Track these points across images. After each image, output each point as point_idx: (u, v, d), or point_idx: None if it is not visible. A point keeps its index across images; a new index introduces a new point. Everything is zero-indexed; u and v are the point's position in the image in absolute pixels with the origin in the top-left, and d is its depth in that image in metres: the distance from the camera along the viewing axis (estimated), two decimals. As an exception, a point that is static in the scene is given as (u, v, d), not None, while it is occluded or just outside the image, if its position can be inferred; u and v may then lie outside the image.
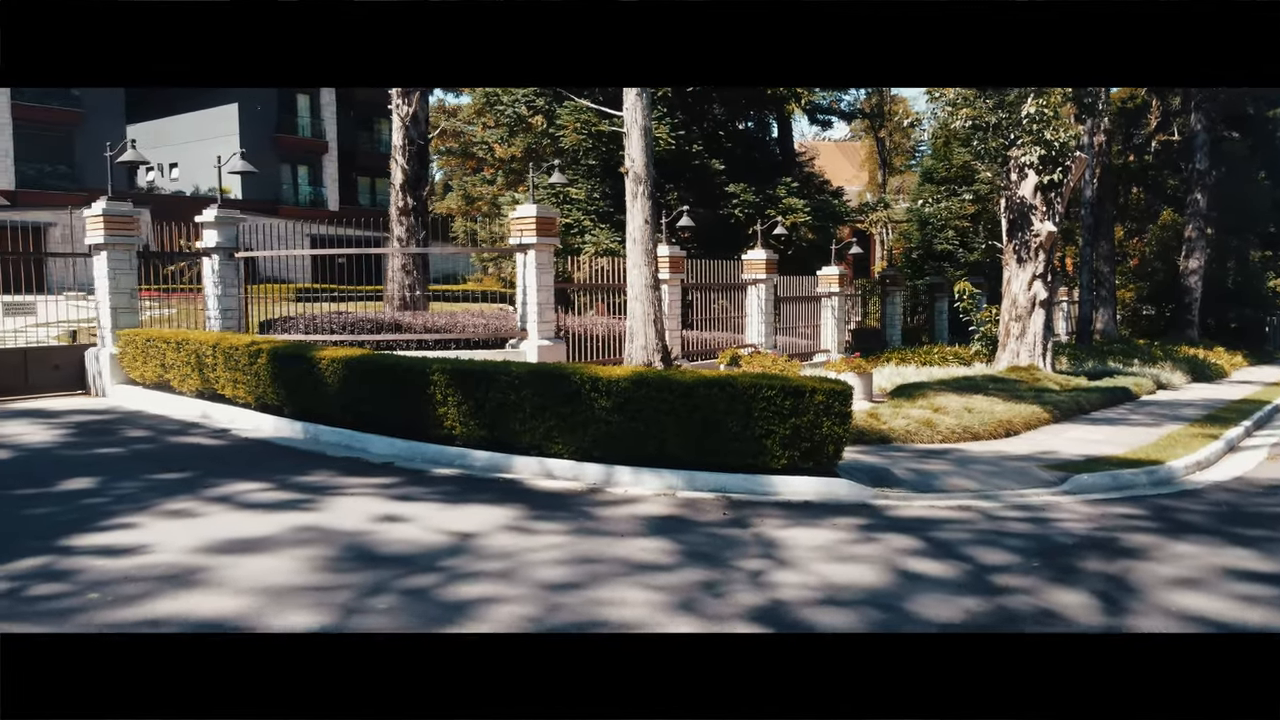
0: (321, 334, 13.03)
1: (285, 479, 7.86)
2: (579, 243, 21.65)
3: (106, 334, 12.60)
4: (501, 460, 8.61)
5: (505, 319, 14.01)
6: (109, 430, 9.97)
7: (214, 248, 13.48)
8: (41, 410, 11.18)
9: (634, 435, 8.26)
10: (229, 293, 13.56)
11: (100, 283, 12.65)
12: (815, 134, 67.03)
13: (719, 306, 18.64)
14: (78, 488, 7.43)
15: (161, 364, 11.64)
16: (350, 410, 9.62)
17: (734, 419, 8.04)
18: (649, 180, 12.58)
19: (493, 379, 8.72)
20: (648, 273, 12.51)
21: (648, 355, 12.42)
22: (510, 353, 12.93)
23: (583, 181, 22.54)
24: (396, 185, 17.80)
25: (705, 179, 22.81)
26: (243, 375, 10.59)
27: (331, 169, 47.16)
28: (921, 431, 10.85)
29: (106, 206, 12.49)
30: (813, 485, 7.91)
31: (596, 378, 8.34)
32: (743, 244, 21.82)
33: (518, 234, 13.15)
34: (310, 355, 9.86)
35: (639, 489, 7.96)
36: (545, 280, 13.17)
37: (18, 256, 14.50)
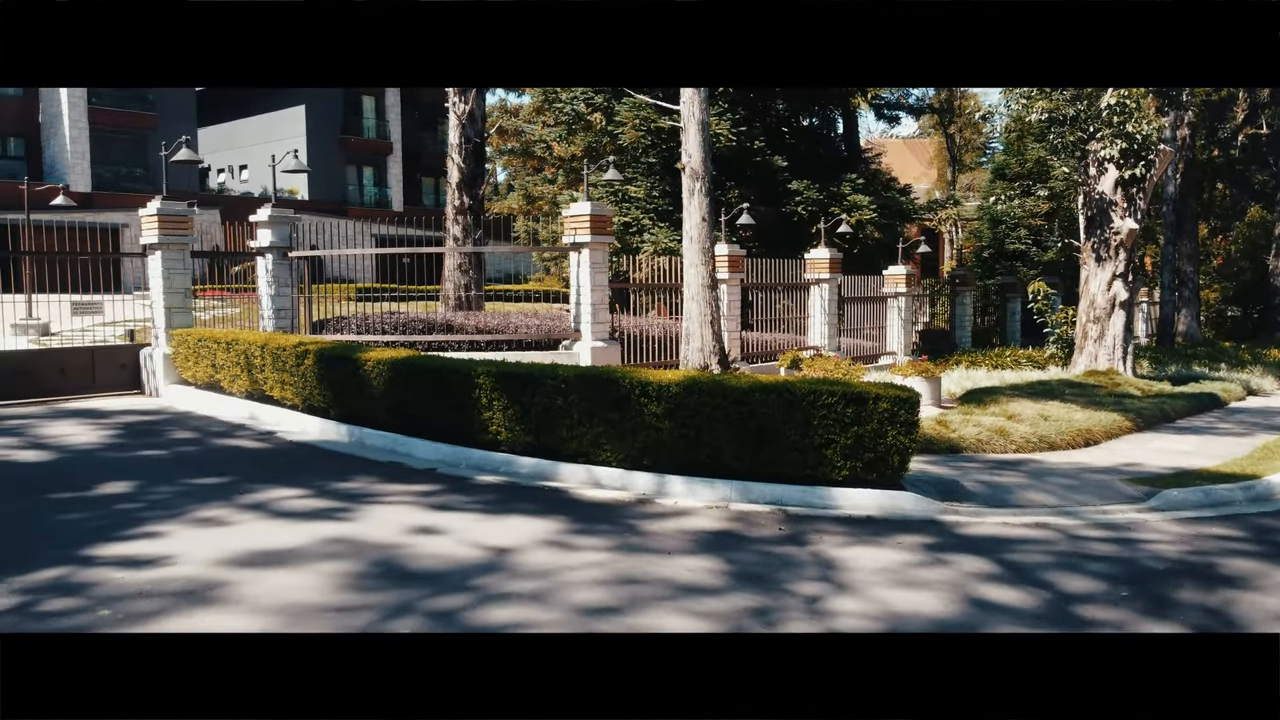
0: (373, 334, 12.84)
1: (323, 485, 7.60)
2: (638, 242, 21.27)
3: (160, 334, 12.57)
4: (547, 468, 8.25)
5: (559, 320, 13.68)
6: (155, 431, 9.86)
7: (268, 247, 13.39)
8: (93, 410, 11.15)
9: (686, 443, 7.84)
10: (282, 292, 13.46)
11: (154, 282, 12.62)
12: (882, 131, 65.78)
13: (780, 307, 18.10)
14: (113, 492, 7.25)
15: (212, 364, 11.54)
16: (396, 414, 9.36)
17: (792, 427, 7.57)
18: (706, 176, 12.14)
19: (538, 383, 8.37)
20: (704, 272, 12.07)
21: (704, 358, 11.98)
22: (563, 355, 12.59)
23: (642, 179, 22.16)
24: (453, 184, 17.61)
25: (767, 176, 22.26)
26: (290, 377, 10.41)
27: (396, 170, 47.53)
28: (994, 440, 10.23)
29: (161, 206, 12.45)
30: (876, 499, 7.40)
31: (646, 382, 7.94)
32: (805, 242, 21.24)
33: (571, 232, 12.81)
34: (356, 357, 9.63)
35: (690, 500, 7.53)
36: (599, 280, 12.81)
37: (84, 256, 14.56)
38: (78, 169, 37.53)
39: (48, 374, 12.08)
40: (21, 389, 11.77)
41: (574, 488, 7.85)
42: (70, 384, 12.20)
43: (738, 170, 21.82)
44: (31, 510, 6.68)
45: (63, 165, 37.87)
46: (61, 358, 12.54)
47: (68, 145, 37.53)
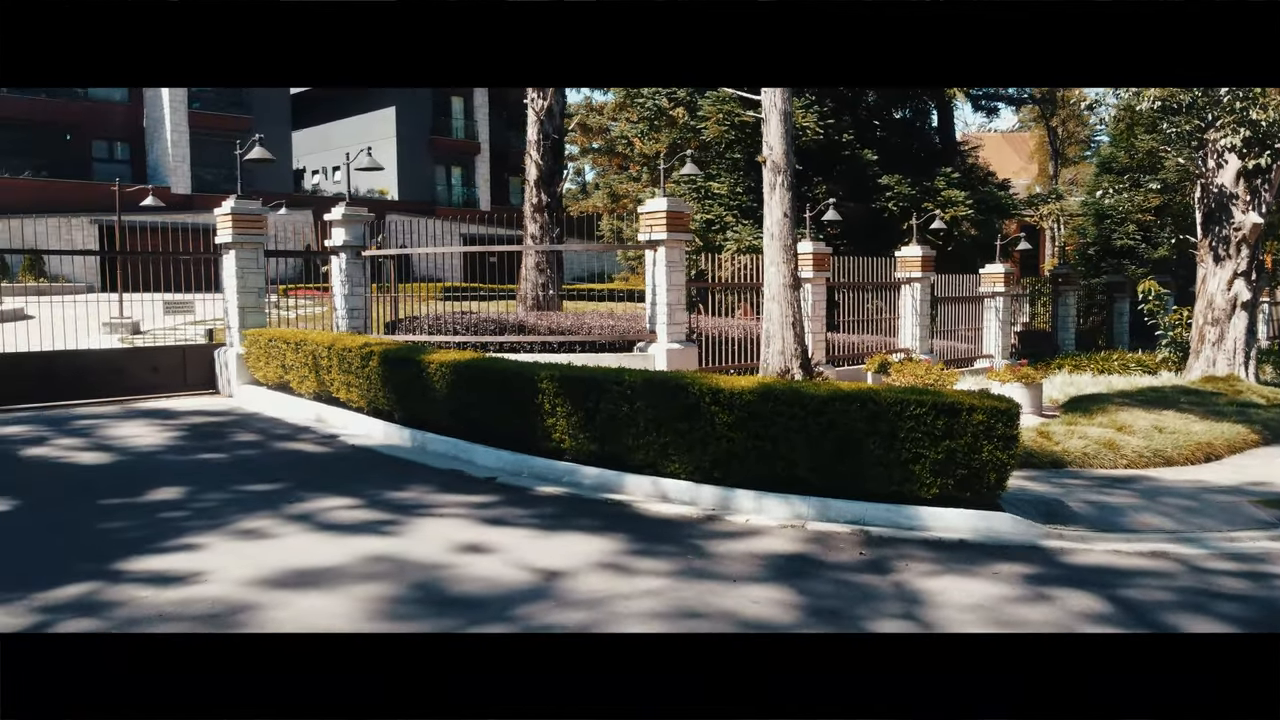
0: (445, 335, 12.56)
1: (376, 495, 7.25)
2: (720, 240, 20.66)
3: (234, 333, 12.51)
4: (611, 479, 7.76)
5: (635, 320, 13.20)
6: (219, 434, 9.70)
7: (341, 246, 13.23)
8: (164, 410, 11.11)
9: (759, 455, 7.26)
10: (355, 292, 13.29)
11: (228, 282, 12.57)
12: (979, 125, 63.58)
13: (869, 307, 17.29)
14: (162, 498, 7.03)
15: (282, 365, 11.40)
16: (459, 418, 8.99)
17: (876, 440, 6.92)
18: (789, 170, 11.50)
19: (603, 389, 7.88)
20: (786, 271, 11.43)
21: (785, 361, 11.35)
22: (637, 357, 12.10)
23: (725, 176, 21.53)
24: (530, 181, 17.30)
25: (856, 170, 21.40)
26: (355, 378, 10.16)
27: (484, 169, 47.80)
28: (1101, 454, 9.36)
29: (235, 204, 12.38)
30: (969, 520, 6.71)
31: (717, 389, 7.38)
32: (896, 239, 20.32)
33: (647, 229, 12.31)
34: (419, 359, 9.30)
35: (762, 518, 6.94)
36: (676, 279, 12.27)
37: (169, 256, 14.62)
38: (178, 171, 38.64)
39: (127, 373, 12.13)
40: (100, 388, 11.82)
41: (638, 501, 7.34)
42: (147, 383, 12.22)
43: (825, 165, 21.01)
44: (77, 517, 6.48)
45: (164, 168, 39.04)
46: (140, 357, 12.58)
47: (169, 149, 38.67)
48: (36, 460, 8.28)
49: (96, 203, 34.46)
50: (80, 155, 38.45)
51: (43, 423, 10.13)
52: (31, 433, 9.53)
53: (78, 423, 10.13)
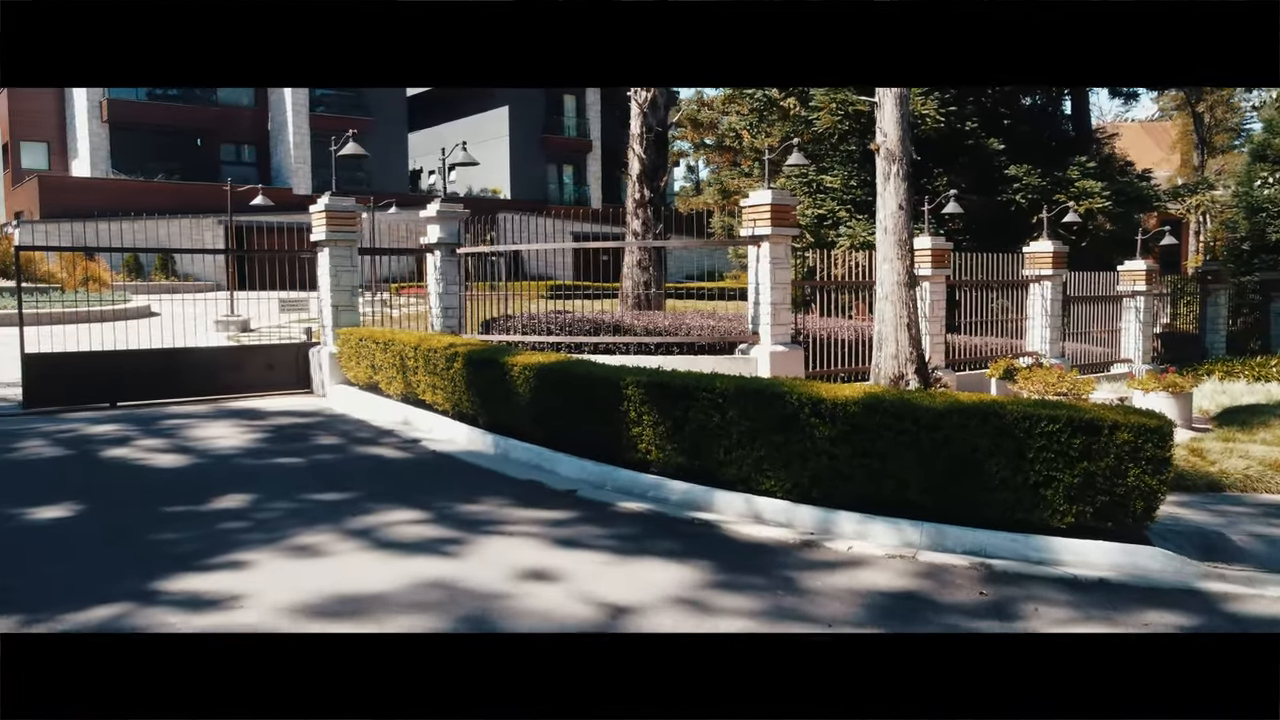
0: (538, 335, 12.09)
1: (446, 508, 6.76)
2: (833, 235, 19.69)
3: (328, 332, 12.33)
4: (700, 495, 7.08)
5: (737, 321, 12.46)
6: (302, 436, 9.43)
7: (435, 244, 12.92)
8: (253, 410, 10.95)
9: (865, 474, 6.47)
10: (450, 290, 12.96)
11: (322, 280, 12.40)
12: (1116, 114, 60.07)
13: (993, 307, 16.08)
14: (226, 507, 6.70)
15: (371, 365, 11.12)
16: (543, 424, 8.46)
17: (999, 460, 6.06)
18: (905, 158, 10.59)
19: (692, 396, 7.21)
20: (901, 267, 10.53)
21: (898, 366, 10.44)
22: (739, 360, 11.37)
23: (839, 168, 20.53)
24: (633, 176, 16.73)
25: (980, 161, 20.08)
26: (440, 380, 9.76)
27: (595, 167, 47.68)
28: (1267, 477, 8.18)
29: (328, 202, 12.19)
30: (1110, 555, 5.78)
31: (818, 399, 6.62)
32: (1023, 234, 18.96)
33: (750, 224, 11.56)
34: (502, 361, 8.81)
35: (866, 545, 6.15)
36: (781, 277, 11.49)
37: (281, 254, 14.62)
38: (300, 173, 39.69)
39: (224, 372, 12.08)
40: (197, 386, 11.79)
41: (728, 522, 6.64)
42: (243, 382, 12.14)
43: (946, 155, 19.77)
44: (134, 526, 6.19)
45: (287, 170, 40.17)
46: (239, 356, 12.54)
47: (291, 151, 39.76)
48: (115, 462, 8.13)
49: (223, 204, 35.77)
50: (210, 158, 39.92)
51: (133, 422, 10.07)
52: (119, 432, 9.45)
53: (166, 422, 10.03)
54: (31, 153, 40.66)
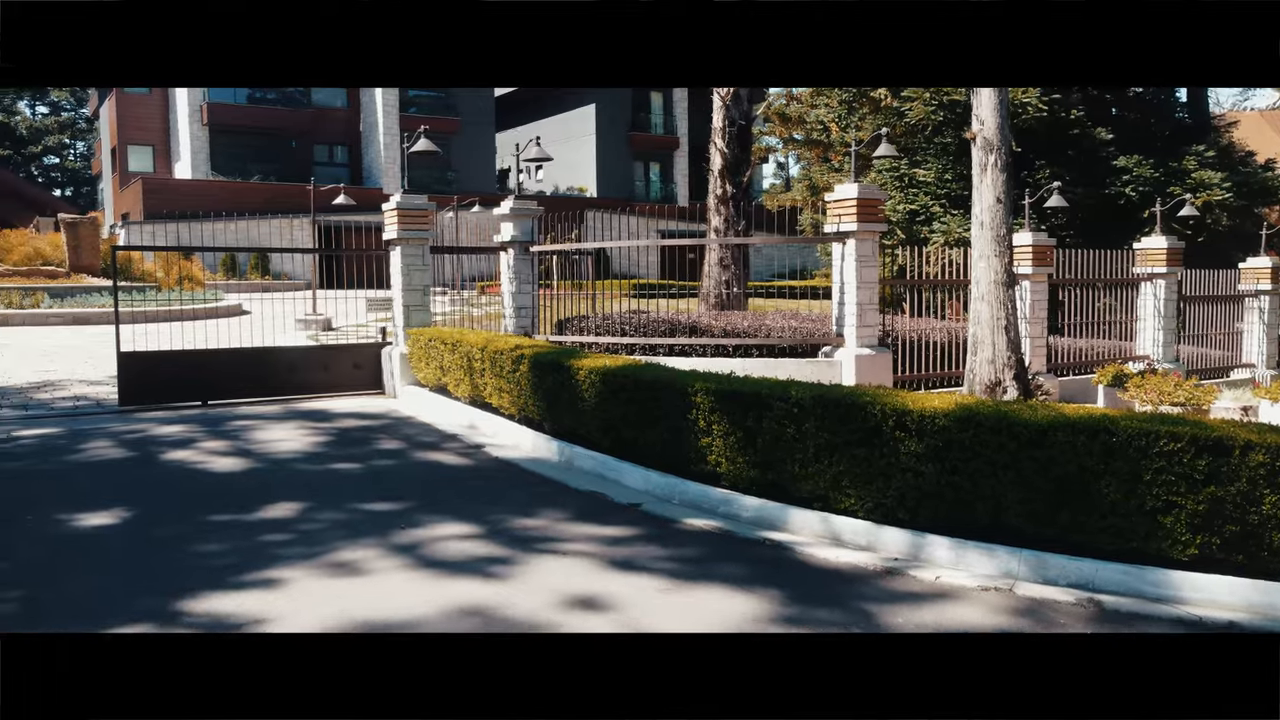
0: (611, 336, 11.65)
1: (500, 522, 6.35)
2: (926, 232, 18.79)
3: (399, 333, 12.11)
4: (774, 513, 6.53)
5: (821, 322, 11.81)
6: (365, 440, 9.17)
7: (509, 241, 12.60)
8: (321, 411, 10.77)
9: (956, 493, 5.84)
10: (523, 290, 12.62)
11: (394, 279, 12.19)
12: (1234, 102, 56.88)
13: (1100, 307, 15.03)
14: (273, 516, 6.41)
15: (440, 366, 10.84)
16: (609, 432, 8.01)
17: (1111, 482, 5.36)
18: (1003, 147, 9.81)
19: (766, 405, 6.66)
20: (999, 265, 9.76)
21: (995, 372, 9.68)
22: (822, 363, 10.74)
23: (932, 161, 19.60)
24: (715, 171, 16.21)
25: (1086, 152, 18.92)
26: (506, 383, 9.39)
27: (682, 164, 47.18)
28: None
29: (400, 200, 11.96)
30: (1242, 593, 5.04)
31: (904, 410, 6.01)
32: (1132, 230, 17.77)
33: (835, 219, 10.92)
34: (568, 364, 8.38)
35: (958, 575, 5.52)
36: (867, 275, 10.82)
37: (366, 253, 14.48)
38: (389, 173, 40.19)
39: (299, 371, 11.96)
40: (271, 386, 11.69)
41: (803, 543, 6.07)
42: (317, 381, 12.00)
43: (1049, 146, 18.67)
44: (175, 536, 5.94)
45: (377, 170, 40.73)
46: (315, 356, 12.41)
47: (381, 151, 40.30)
48: (173, 465, 7.97)
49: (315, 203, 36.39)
50: (304, 159, 40.72)
51: (201, 422, 9.97)
52: (184, 433, 9.34)
53: (234, 423, 9.90)
54: (138, 156, 42.16)
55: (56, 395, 11.74)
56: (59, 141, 68.55)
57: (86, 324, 20.88)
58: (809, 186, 32.71)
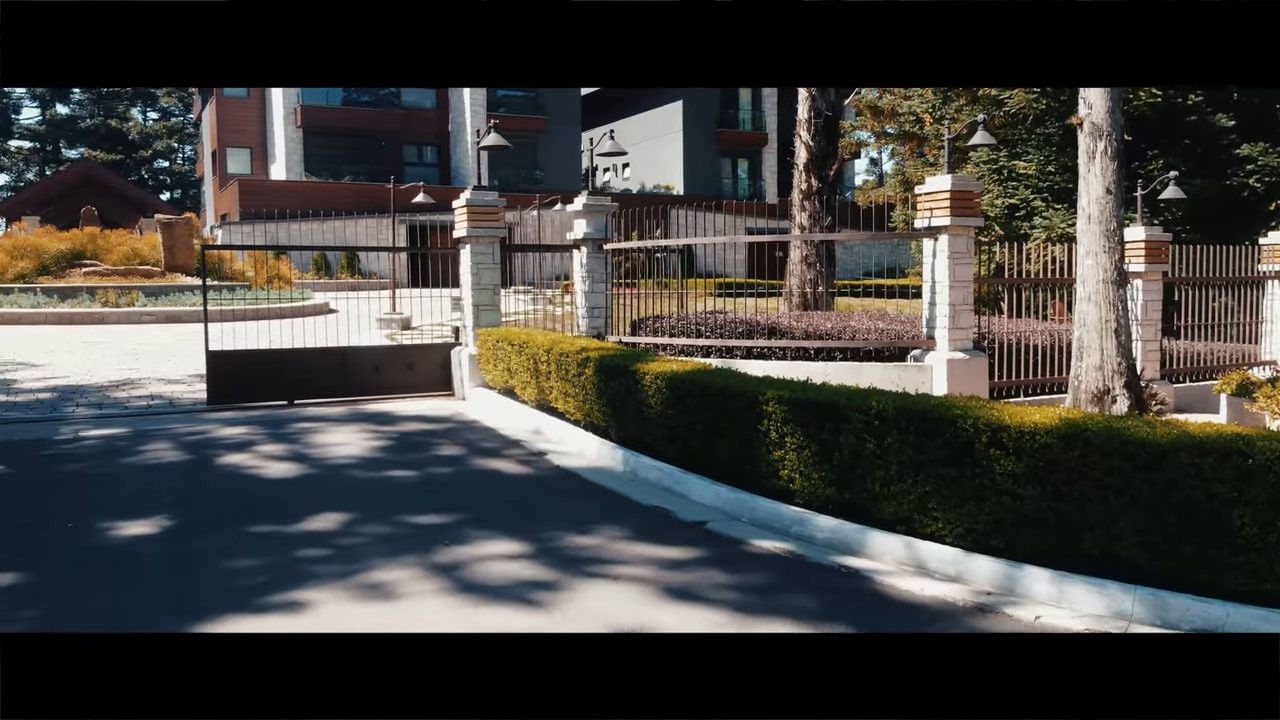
0: (686, 338, 11.11)
1: (552, 540, 5.89)
2: (1026, 228, 17.71)
3: (468, 333, 11.80)
4: (851, 535, 5.91)
5: (911, 323, 11.06)
6: (425, 445, 8.83)
7: (581, 239, 12.17)
8: (386, 414, 10.49)
9: (1059, 520, 5.15)
10: (596, 289, 12.18)
11: (464, 278, 11.88)
12: (1364, 89, 53.20)
13: (1216, 307, 13.86)
14: (314, 529, 6.08)
15: (507, 368, 10.47)
16: (676, 441, 7.48)
17: (1246, 512, 4.62)
18: (1114, 133, 8.96)
19: (843, 415, 6.05)
20: (1107, 262, 8.92)
21: (1103, 379, 8.84)
22: (910, 368, 10.02)
23: (1034, 153, 18.47)
24: (799, 165, 15.53)
25: (1205, 140, 17.57)
26: (571, 387, 8.95)
27: (771, 161, 46.30)
28: None
29: (470, 196, 11.64)
30: None
31: (999, 425, 5.34)
32: (1258, 224, 16.41)
33: (926, 214, 10.17)
34: (634, 368, 7.89)
35: (1060, 613, 4.84)
36: (961, 273, 10.05)
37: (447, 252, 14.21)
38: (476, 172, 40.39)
39: (369, 372, 11.74)
40: (341, 386, 11.49)
41: (883, 571, 5.45)
42: (388, 382, 11.77)
43: (1162, 134, 17.39)
44: (210, 550, 5.64)
45: (465, 169, 40.95)
46: (386, 356, 12.19)
47: (469, 151, 40.49)
48: (225, 470, 7.74)
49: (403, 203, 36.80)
50: (393, 159, 41.20)
51: (264, 424, 9.79)
52: (244, 435, 9.15)
53: (296, 425, 9.69)
54: (236, 158, 43.28)
55: (133, 394, 11.75)
56: (167, 146, 71.11)
57: (178, 322, 21.28)
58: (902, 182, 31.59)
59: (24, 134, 71.63)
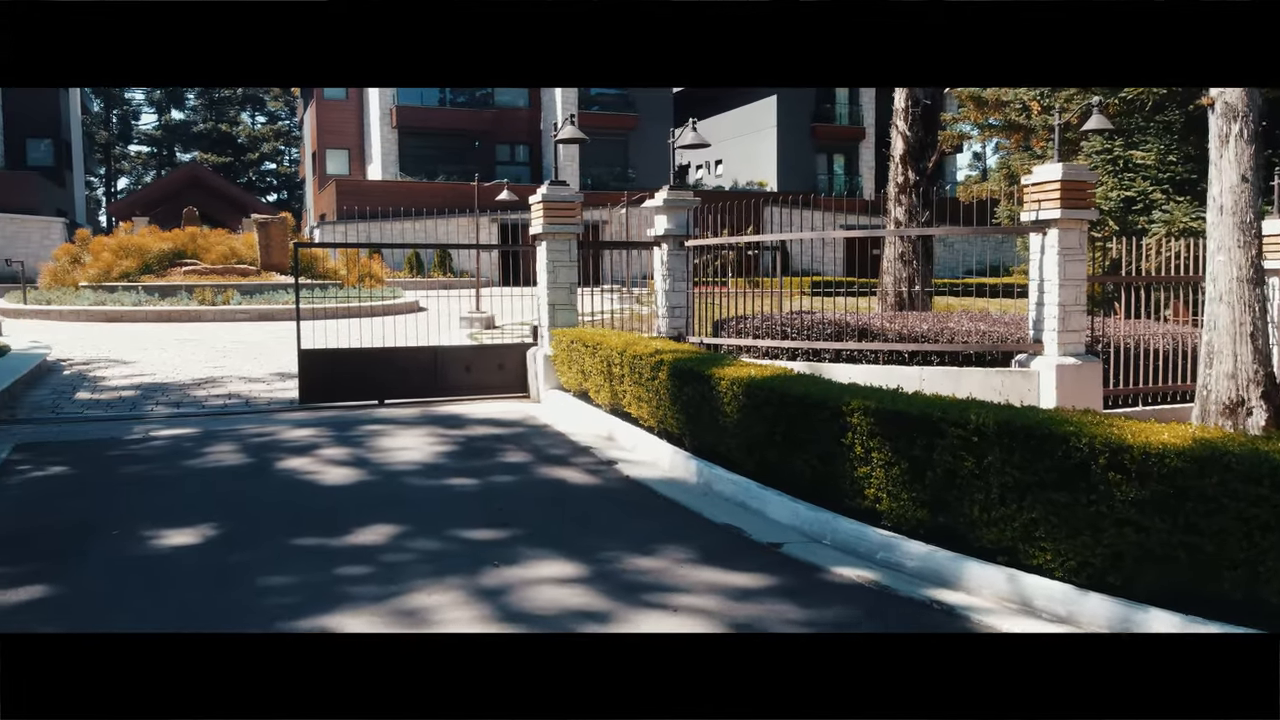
0: (770, 339, 10.50)
1: (611, 561, 5.40)
2: (1143, 222, 16.50)
3: (544, 333, 11.40)
4: (945, 564, 5.26)
5: (1015, 325, 10.22)
6: (490, 451, 8.44)
7: (662, 235, 11.66)
8: (456, 416, 10.16)
9: (1192, 557, 4.43)
10: (677, 288, 11.64)
11: (540, 276, 11.49)
12: None
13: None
14: (360, 542, 5.71)
15: (581, 370, 10.03)
16: (753, 453, 6.91)
17: None
18: (1251, 113, 8.03)
19: (937, 429, 5.39)
20: (1243, 259, 7.99)
21: (1237, 388, 7.92)
22: (1015, 374, 9.22)
23: (1153, 141, 17.19)
24: (896, 157, 14.75)
25: (1350, 125, 16.08)
26: (645, 391, 8.45)
27: (868, 156, 45.03)
28: None
29: (546, 191, 11.24)
30: None
31: (1119, 445, 4.63)
32: None
33: (1033, 206, 9.33)
34: (708, 373, 7.34)
35: (1195, 671, 4.11)
36: (1073, 271, 9.19)
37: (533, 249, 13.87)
38: (568, 170, 40.26)
39: (445, 372, 11.43)
40: (416, 386, 11.22)
41: (981, 608, 4.79)
42: (463, 383, 11.45)
43: (1301, 120, 15.99)
44: (249, 564, 5.32)
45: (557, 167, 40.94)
46: (461, 356, 11.88)
47: (561, 149, 40.40)
48: (282, 476, 7.48)
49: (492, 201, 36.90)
50: (486, 159, 41.40)
51: (332, 426, 9.55)
52: (310, 438, 8.92)
53: (364, 428, 9.42)
54: (334, 159, 44.15)
55: (213, 393, 11.72)
56: (274, 149, 73.33)
57: (270, 320, 21.52)
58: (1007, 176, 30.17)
59: (142, 139, 74.86)
